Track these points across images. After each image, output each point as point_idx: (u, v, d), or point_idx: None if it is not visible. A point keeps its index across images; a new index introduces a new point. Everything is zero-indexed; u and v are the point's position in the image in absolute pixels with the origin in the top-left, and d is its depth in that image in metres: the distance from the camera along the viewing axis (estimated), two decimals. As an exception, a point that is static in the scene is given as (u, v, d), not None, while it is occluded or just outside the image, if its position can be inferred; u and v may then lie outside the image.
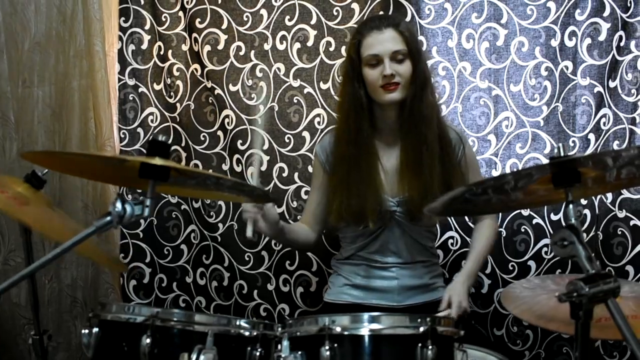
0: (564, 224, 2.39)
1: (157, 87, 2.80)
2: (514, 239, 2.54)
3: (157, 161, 1.27)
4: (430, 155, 2.11)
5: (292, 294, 2.73)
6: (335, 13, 2.63)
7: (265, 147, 2.71)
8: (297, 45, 2.67)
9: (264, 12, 2.69)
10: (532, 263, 2.52)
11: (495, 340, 2.56)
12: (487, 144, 2.56)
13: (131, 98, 2.79)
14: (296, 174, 2.68)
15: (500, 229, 2.53)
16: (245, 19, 2.71)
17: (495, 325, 2.57)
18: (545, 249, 2.50)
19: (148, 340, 1.42)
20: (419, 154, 2.12)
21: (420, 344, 1.36)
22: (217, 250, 2.78)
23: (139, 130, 2.80)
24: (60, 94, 2.51)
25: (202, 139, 2.78)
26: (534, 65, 2.50)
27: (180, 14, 2.77)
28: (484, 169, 2.53)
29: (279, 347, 1.42)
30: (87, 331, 1.54)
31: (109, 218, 1.28)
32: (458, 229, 2.58)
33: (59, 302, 2.50)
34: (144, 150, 2.79)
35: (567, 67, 2.46)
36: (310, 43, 2.66)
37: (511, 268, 2.54)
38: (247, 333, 1.50)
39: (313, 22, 2.65)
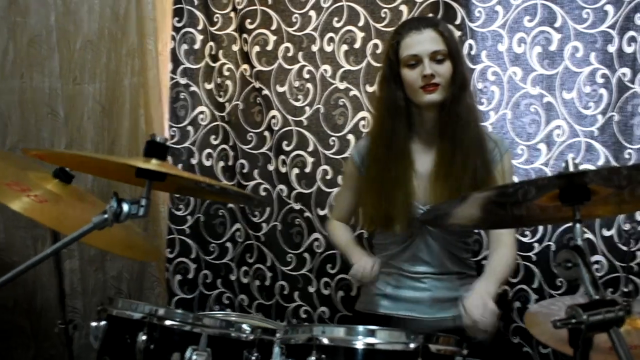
0: (616, 240, 2.34)
1: (208, 87, 2.84)
2: (562, 253, 2.41)
3: (152, 164, 1.28)
4: (464, 161, 2.03)
5: (332, 297, 2.71)
6: (383, 15, 2.58)
7: (310, 149, 2.70)
8: (344, 47, 2.64)
9: (312, 13, 2.68)
10: (581, 280, 2.39)
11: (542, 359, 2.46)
12: (538, 153, 2.45)
13: (182, 97, 2.84)
14: (339, 177, 2.65)
15: (549, 243, 2.43)
16: (294, 20, 2.71)
17: (541, 343, 2.46)
18: (596, 265, 2.37)
19: (144, 337, 1.44)
20: (453, 159, 2.04)
21: (410, 362, 1.31)
22: (261, 250, 2.80)
23: (189, 128, 2.84)
24: (111, 92, 2.58)
25: (249, 138, 2.80)
26: (589, 72, 2.37)
27: (232, 14, 2.79)
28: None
29: (278, 353, 1.42)
30: (95, 324, 1.58)
31: (105, 216, 1.30)
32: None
33: (104, 292, 2.58)
34: (193, 148, 2.85)
35: (624, 75, 2.32)
36: (357, 45, 2.63)
37: (559, 284, 2.42)
38: (243, 337, 1.49)
39: (361, 24, 2.61)
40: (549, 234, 2.44)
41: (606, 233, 2.36)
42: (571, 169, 1.21)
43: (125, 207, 1.31)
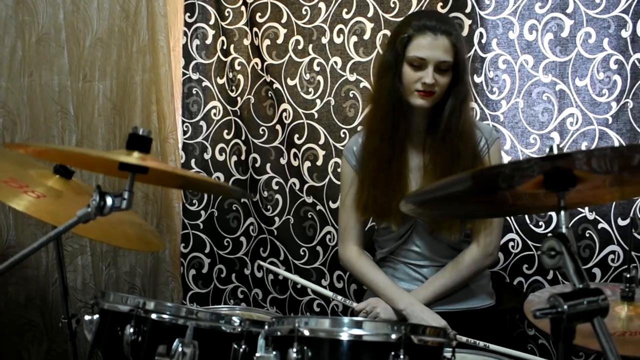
0: (633, 229, 2.27)
1: (220, 81, 2.85)
2: (577, 244, 2.36)
3: (134, 157, 1.28)
4: (456, 159, 2.01)
5: (345, 290, 2.70)
6: (393, 5, 2.55)
7: (322, 141, 2.69)
8: (354, 38, 2.62)
9: (322, 5, 2.66)
10: (597, 270, 2.34)
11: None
12: (551, 142, 2.39)
13: (195, 92, 2.85)
14: (351, 170, 2.63)
15: (564, 233, 2.37)
16: (304, 12, 2.69)
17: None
18: (611, 256, 2.32)
19: (131, 330, 1.45)
20: (450, 169, 1.99)
21: (393, 353, 1.29)
22: (274, 244, 2.80)
23: (202, 123, 2.86)
24: (121, 89, 2.60)
25: (261, 132, 2.80)
26: (602, 58, 2.30)
27: (243, 8, 2.79)
28: (546, 168, 2.37)
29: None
30: (89, 317, 1.60)
31: (89, 209, 1.31)
32: (519, 231, 2.45)
33: (117, 288, 2.60)
34: (206, 143, 2.86)
35: (639, 60, 2.25)
36: (366, 36, 2.60)
37: (575, 275, 2.36)
38: (231, 329, 1.49)
39: (370, 14, 2.59)
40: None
41: (621, 222, 2.30)
42: (555, 152, 1.18)
43: (109, 200, 1.31)
